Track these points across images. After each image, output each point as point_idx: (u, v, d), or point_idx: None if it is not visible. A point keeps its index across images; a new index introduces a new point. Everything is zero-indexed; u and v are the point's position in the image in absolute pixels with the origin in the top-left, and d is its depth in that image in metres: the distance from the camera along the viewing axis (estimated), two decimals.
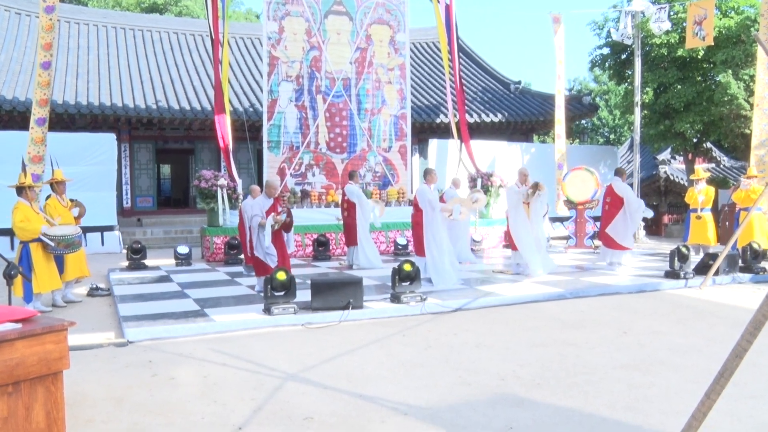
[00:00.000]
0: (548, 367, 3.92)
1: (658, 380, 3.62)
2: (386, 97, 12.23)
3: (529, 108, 18.45)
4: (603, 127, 30.76)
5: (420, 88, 19.58)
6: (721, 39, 12.41)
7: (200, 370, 3.91)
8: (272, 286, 5.22)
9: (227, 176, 10.55)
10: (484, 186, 12.16)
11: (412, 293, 5.80)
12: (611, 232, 8.19)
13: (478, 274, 7.96)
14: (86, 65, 16.81)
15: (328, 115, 11.85)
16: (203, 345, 4.53)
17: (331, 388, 3.55)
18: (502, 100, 19.05)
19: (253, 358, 4.19)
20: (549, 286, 6.67)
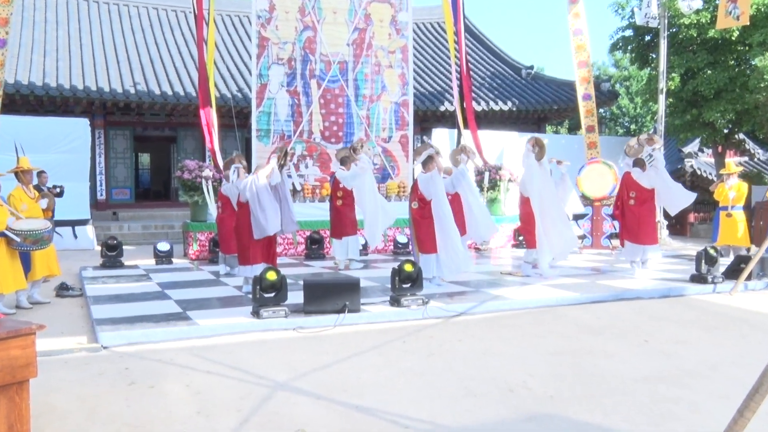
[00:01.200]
0: (562, 377, 3.91)
1: (685, 394, 3.62)
2: (386, 82, 12.20)
3: (541, 95, 18.44)
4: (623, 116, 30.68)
5: (423, 72, 19.55)
6: (759, 18, 12.01)
7: (182, 379, 3.90)
8: (261, 287, 5.21)
9: (212, 167, 10.53)
10: (492, 180, 12.16)
11: (414, 296, 5.80)
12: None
13: (485, 276, 7.96)
14: (55, 42, 16.66)
15: (323, 101, 11.83)
16: (186, 351, 4.52)
17: (325, 399, 3.54)
18: (513, 87, 19.04)
19: (241, 365, 4.17)
20: (563, 290, 6.67)
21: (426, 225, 6.92)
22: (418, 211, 6.98)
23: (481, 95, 17.97)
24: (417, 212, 6.99)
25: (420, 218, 6.98)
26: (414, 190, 7.04)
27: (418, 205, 6.98)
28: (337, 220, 8.65)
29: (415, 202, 7.01)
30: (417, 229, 6.94)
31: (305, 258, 10.25)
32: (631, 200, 8.00)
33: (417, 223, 6.98)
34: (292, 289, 5.94)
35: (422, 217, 6.95)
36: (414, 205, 7.01)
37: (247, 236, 6.36)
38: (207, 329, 4.97)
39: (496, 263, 9.71)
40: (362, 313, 5.48)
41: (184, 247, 10.57)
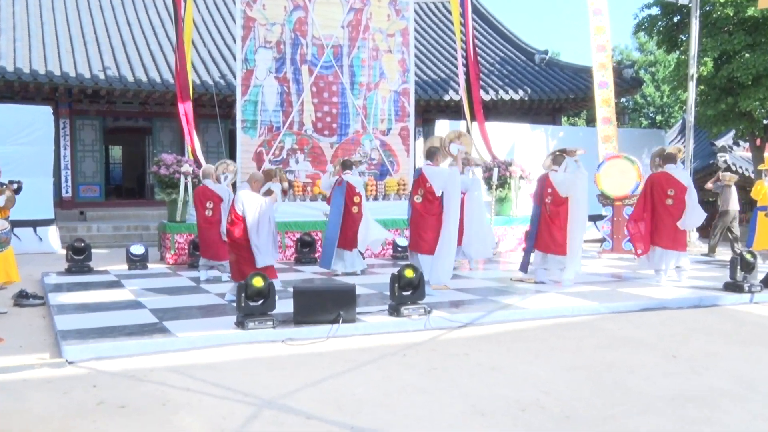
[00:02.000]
0: (579, 395, 3.91)
1: (717, 415, 3.62)
2: (385, 68, 12.21)
3: (556, 83, 18.48)
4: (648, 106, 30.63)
5: (426, 58, 19.58)
6: None
7: (158, 396, 3.89)
8: (246, 294, 5.21)
9: (192, 162, 10.53)
10: (501, 178, 12.18)
11: (415, 305, 5.80)
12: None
13: (494, 283, 7.97)
14: (11, 19, 16.50)
15: (315, 89, 11.84)
16: (162, 366, 4.51)
17: (317, 418, 3.53)
18: (525, 74, 19.07)
19: (223, 381, 4.17)
20: (580, 299, 6.68)
21: (432, 222, 6.83)
22: (423, 206, 6.86)
23: (490, 83, 18.00)
24: (421, 207, 6.87)
25: (425, 213, 6.86)
26: (420, 182, 6.88)
27: (422, 200, 6.87)
28: (354, 229, 8.60)
29: (418, 195, 6.88)
30: (418, 225, 6.83)
31: (295, 262, 10.25)
32: (669, 199, 7.72)
33: (419, 219, 6.84)
34: (281, 297, 5.92)
35: (428, 212, 6.85)
36: (417, 198, 6.87)
37: (246, 255, 6.23)
38: (186, 342, 4.96)
39: (506, 269, 9.72)
40: (358, 324, 5.47)
41: (161, 250, 10.56)
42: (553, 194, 7.59)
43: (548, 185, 7.65)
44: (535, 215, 7.82)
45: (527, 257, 7.89)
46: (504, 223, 12.09)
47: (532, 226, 7.84)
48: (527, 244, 7.95)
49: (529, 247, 7.85)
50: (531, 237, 7.83)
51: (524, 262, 7.91)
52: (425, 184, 6.85)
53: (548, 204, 7.63)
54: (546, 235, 7.61)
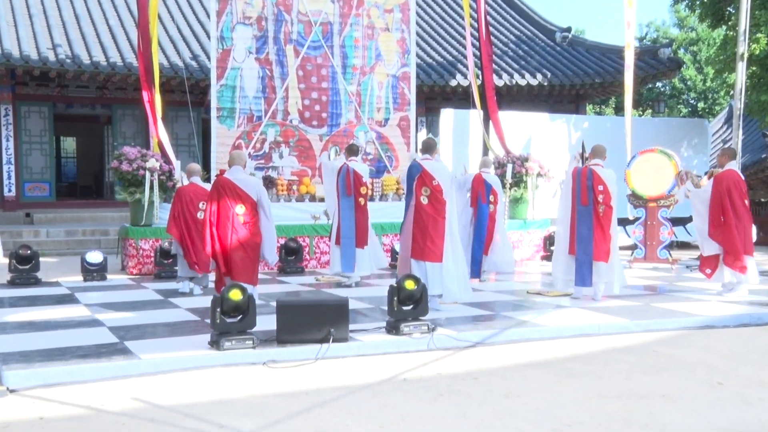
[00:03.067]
0: (608, 429, 3.90)
1: None
2: (382, 49, 12.25)
3: (581, 66, 18.54)
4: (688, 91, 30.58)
5: (430, 37, 19.63)
6: None
7: (118, 431, 3.87)
8: (223, 309, 5.20)
9: (159, 156, 10.52)
10: (516, 175, 12.20)
11: (417, 321, 5.79)
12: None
13: (508, 296, 7.98)
14: None
15: (302, 73, 11.86)
16: (123, 393, 4.50)
17: None
18: (545, 55, 19.15)
19: (195, 411, 4.15)
20: (608, 315, 6.69)
21: (442, 225, 6.79)
22: (432, 207, 6.80)
23: (504, 66, 18.05)
24: (430, 208, 6.79)
25: (436, 216, 6.78)
26: (424, 180, 6.79)
27: (429, 200, 6.81)
28: (364, 224, 8.68)
29: (424, 196, 6.80)
30: (427, 229, 6.76)
31: (279, 272, 10.24)
32: (745, 200, 7.94)
33: (429, 222, 6.76)
34: (262, 312, 5.90)
35: (438, 214, 6.78)
36: (423, 199, 6.80)
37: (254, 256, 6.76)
38: (151, 365, 4.95)
39: (522, 280, 9.71)
40: (351, 343, 5.47)
41: (122, 258, 10.54)
42: (605, 192, 7.57)
43: (598, 181, 7.57)
44: (585, 216, 7.58)
45: (587, 269, 7.56)
46: (519, 227, 12.11)
47: (582, 231, 7.57)
48: (579, 253, 7.58)
49: (584, 257, 7.55)
50: (585, 243, 7.53)
51: (585, 275, 7.59)
52: (431, 182, 6.81)
53: (601, 203, 7.55)
54: (600, 242, 7.55)
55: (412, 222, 6.85)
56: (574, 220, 7.63)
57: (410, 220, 6.86)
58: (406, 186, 7.07)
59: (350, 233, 8.57)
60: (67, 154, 23.11)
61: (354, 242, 8.59)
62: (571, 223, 7.65)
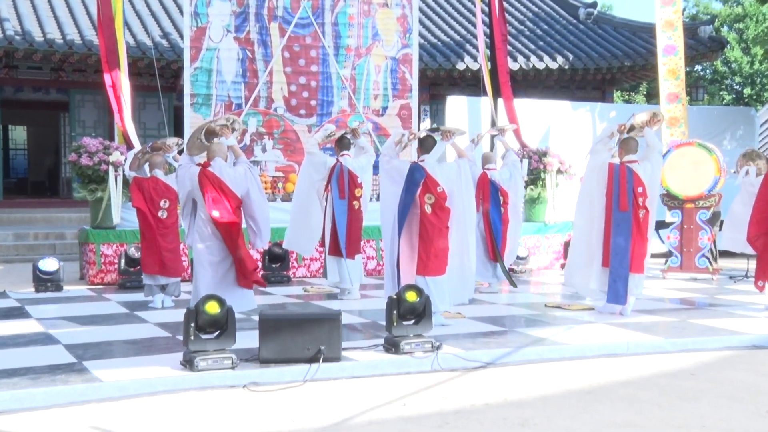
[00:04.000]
0: None
1: None
2: (380, 28, 12.26)
3: (608, 47, 18.56)
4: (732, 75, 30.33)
5: (435, 14, 19.65)
6: None
7: None
8: (197, 324, 5.21)
9: (125, 148, 10.52)
10: (533, 171, 12.23)
11: (419, 338, 5.80)
12: None
13: (523, 310, 8.00)
14: None
15: (288, 55, 11.86)
16: (81, 421, 4.47)
17: None
18: (566, 35, 19.18)
19: None
20: (639, 332, 6.71)
21: (445, 235, 6.84)
22: (436, 217, 6.81)
23: (520, 47, 18.07)
24: (434, 218, 6.80)
25: (441, 226, 6.81)
26: (429, 186, 6.77)
27: (433, 209, 6.79)
28: (356, 230, 8.65)
29: (428, 204, 6.80)
30: (432, 242, 6.76)
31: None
32: None
33: (434, 234, 6.77)
34: (243, 328, 5.91)
35: (443, 224, 6.82)
36: (428, 208, 6.79)
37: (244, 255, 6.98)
38: (114, 388, 4.94)
39: (539, 291, 9.73)
40: (344, 363, 5.47)
41: (81, 265, 10.53)
42: (645, 194, 7.50)
43: (638, 182, 7.47)
44: (622, 224, 7.46)
45: (623, 284, 7.45)
46: (536, 231, 12.13)
47: (619, 241, 7.47)
48: (615, 266, 7.46)
49: (620, 270, 7.44)
50: (622, 254, 7.44)
51: (620, 292, 7.47)
52: (435, 188, 6.79)
53: (641, 207, 7.48)
54: (639, 252, 7.50)
55: (417, 234, 6.82)
56: (610, 228, 7.49)
57: (413, 232, 6.84)
58: (405, 190, 6.85)
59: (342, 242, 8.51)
60: (17, 145, 23.04)
61: (346, 251, 8.52)
62: (606, 231, 7.52)
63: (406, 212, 6.83)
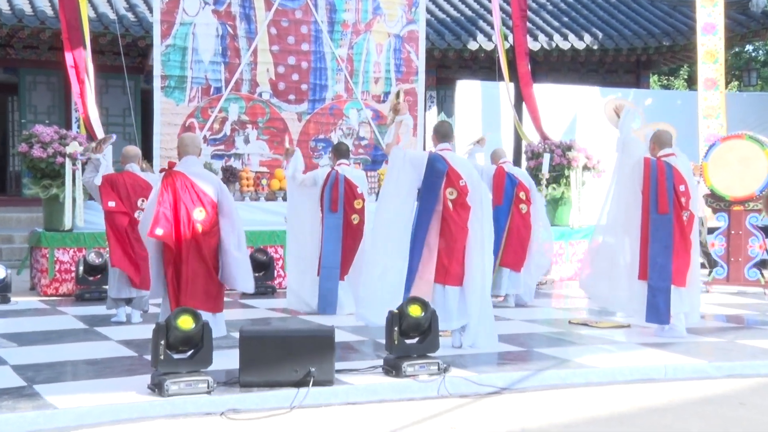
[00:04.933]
0: None
1: None
2: (382, 1, 12.25)
3: (643, 23, 18.55)
4: None
5: None
6: None
7: None
8: (168, 341, 5.18)
9: (85, 138, 10.52)
10: (556, 168, 12.21)
11: (424, 359, 5.79)
12: None
13: (544, 327, 8.00)
14: None
15: (276, 32, 11.87)
16: None
17: None
18: (595, 10, 19.21)
19: None
20: (678, 354, 6.68)
21: (465, 236, 6.79)
22: (458, 215, 6.77)
23: (541, 24, 18.07)
24: (456, 216, 6.76)
25: (462, 224, 6.75)
26: (452, 180, 6.74)
27: (453, 206, 6.75)
28: (352, 250, 8.55)
29: (449, 201, 6.76)
30: (456, 243, 6.74)
31: (242, 293, 10.25)
32: None
33: (453, 234, 6.73)
34: (221, 346, 5.90)
35: (463, 223, 6.76)
36: (449, 205, 6.75)
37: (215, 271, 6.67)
38: (70, 416, 4.91)
39: (562, 306, 9.72)
40: (338, 387, 5.45)
41: (32, 274, 10.52)
42: (687, 193, 7.44)
43: (679, 179, 7.41)
44: (662, 229, 7.39)
45: (664, 300, 7.35)
46: (559, 236, 12.12)
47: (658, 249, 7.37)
48: (653, 279, 7.36)
49: (660, 284, 7.34)
50: (662, 265, 7.33)
51: (661, 309, 7.38)
52: (458, 182, 6.76)
53: (684, 209, 7.44)
54: (683, 261, 7.43)
55: (437, 235, 6.77)
56: (647, 235, 7.38)
57: (435, 232, 6.78)
58: (425, 184, 6.83)
59: (333, 262, 8.50)
60: None
61: (337, 274, 8.51)
62: (643, 238, 7.42)
63: (431, 209, 6.77)
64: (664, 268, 7.33)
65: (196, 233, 6.49)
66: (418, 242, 6.83)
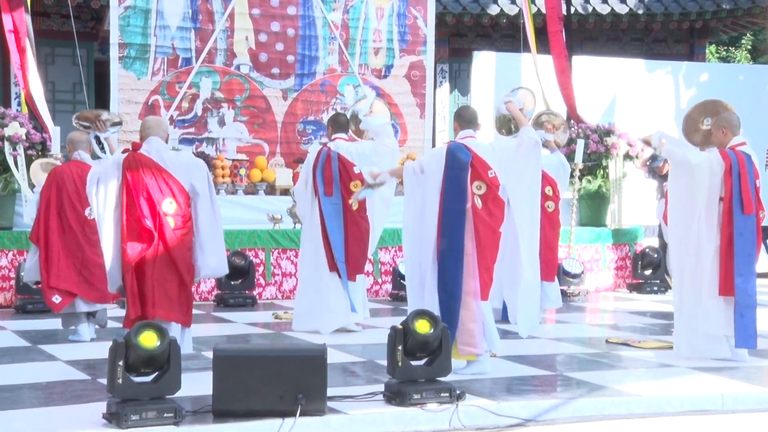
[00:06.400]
0: None
1: None
2: None
3: None
4: None
5: None
6: None
7: None
8: (128, 362, 5.20)
9: (27, 118, 10.54)
10: (593, 156, 12.22)
11: (433, 384, 5.81)
12: None
13: (576, 347, 8.03)
14: None
15: None
16: None
17: None
18: None
19: None
20: (737, 380, 6.70)
21: (496, 241, 6.85)
22: (488, 212, 6.79)
23: None
24: (486, 214, 6.78)
25: (493, 225, 6.79)
26: (479, 170, 6.75)
27: (482, 202, 6.76)
28: (359, 241, 8.64)
29: (477, 196, 6.77)
30: (485, 249, 6.77)
31: (217, 304, 10.30)
32: None
33: (482, 237, 6.76)
34: (190, 368, 5.94)
35: (495, 223, 6.80)
36: (477, 201, 6.75)
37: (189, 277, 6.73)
38: None
39: (598, 321, 9.74)
40: (331, 417, 5.46)
41: None
42: (759, 189, 7.49)
43: (756, 173, 7.43)
44: (747, 232, 7.41)
45: (752, 318, 7.38)
46: (594, 239, 12.17)
47: (747, 254, 7.40)
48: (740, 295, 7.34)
49: (747, 300, 7.35)
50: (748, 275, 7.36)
51: (749, 329, 7.40)
52: (486, 173, 6.76)
53: (762, 207, 7.49)
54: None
55: (469, 238, 6.76)
56: (731, 239, 7.37)
57: (470, 236, 6.77)
58: (448, 179, 6.80)
59: (339, 255, 8.50)
60: None
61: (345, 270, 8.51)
62: (724, 244, 7.39)
63: (461, 210, 6.77)
64: (750, 279, 7.38)
65: (166, 228, 6.54)
66: (454, 250, 6.78)
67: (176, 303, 6.64)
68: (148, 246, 6.52)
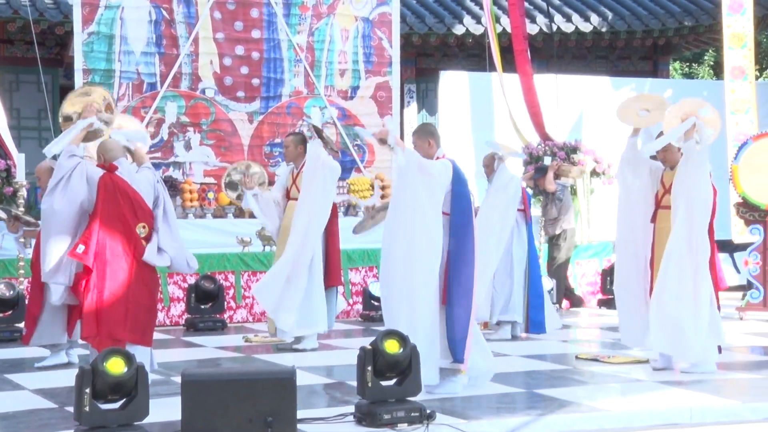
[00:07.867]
0: None
1: None
2: None
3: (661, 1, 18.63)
4: None
5: None
6: None
7: None
8: (95, 389, 5.17)
9: None
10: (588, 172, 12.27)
11: (403, 404, 5.81)
12: None
13: (544, 364, 8.06)
14: None
15: (220, 16, 11.91)
16: None
17: None
18: None
19: None
20: (705, 393, 6.73)
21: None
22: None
23: (540, 4, 18.14)
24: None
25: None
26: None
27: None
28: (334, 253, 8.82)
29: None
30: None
31: (186, 328, 10.28)
32: None
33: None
34: (159, 394, 5.94)
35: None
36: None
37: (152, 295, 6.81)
38: None
39: (568, 337, 9.78)
40: None
41: None
42: None
43: None
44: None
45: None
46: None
47: None
48: None
49: None
50: None
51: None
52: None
53: None
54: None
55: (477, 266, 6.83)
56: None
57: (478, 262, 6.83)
58: (456, 197, 6.80)
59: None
60: None
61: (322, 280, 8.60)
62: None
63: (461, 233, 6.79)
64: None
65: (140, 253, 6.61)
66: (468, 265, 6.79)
67: (147, 327, 6.71)
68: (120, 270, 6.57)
